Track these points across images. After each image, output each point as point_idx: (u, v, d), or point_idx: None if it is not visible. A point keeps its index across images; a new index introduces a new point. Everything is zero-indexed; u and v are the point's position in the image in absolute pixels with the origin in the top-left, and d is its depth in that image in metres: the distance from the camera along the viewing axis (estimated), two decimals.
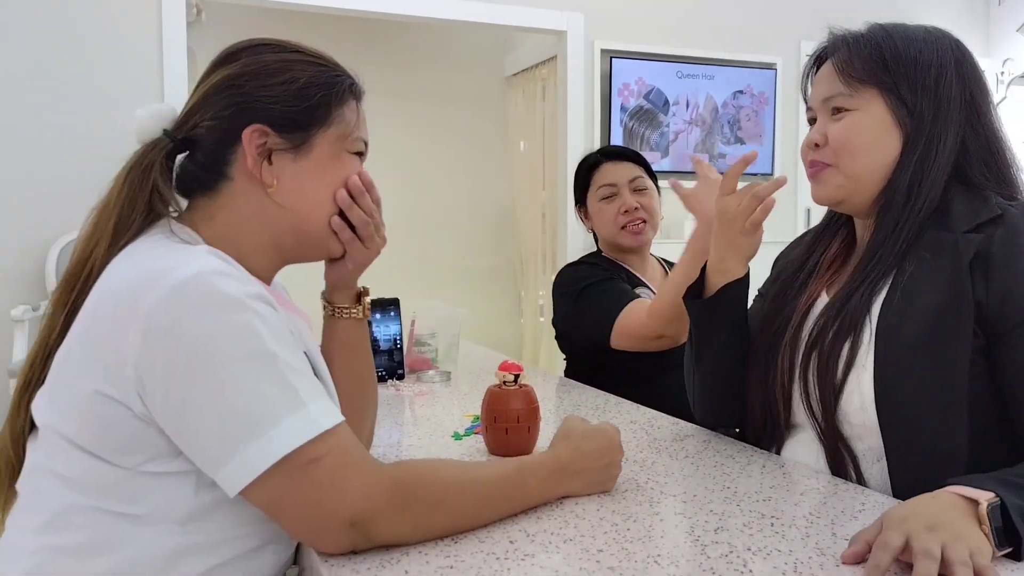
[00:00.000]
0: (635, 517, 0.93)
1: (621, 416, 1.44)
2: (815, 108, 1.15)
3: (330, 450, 0.78)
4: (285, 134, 0.91)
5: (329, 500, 0.77)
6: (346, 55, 3.64)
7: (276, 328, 0.79)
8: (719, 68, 4.27)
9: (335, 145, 0.94)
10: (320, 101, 0.92)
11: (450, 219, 5.03)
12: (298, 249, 0.96)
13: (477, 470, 0.92)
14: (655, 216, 1.93)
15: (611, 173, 1.91)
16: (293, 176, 0.91)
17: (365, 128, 1.00)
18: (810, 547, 0.84)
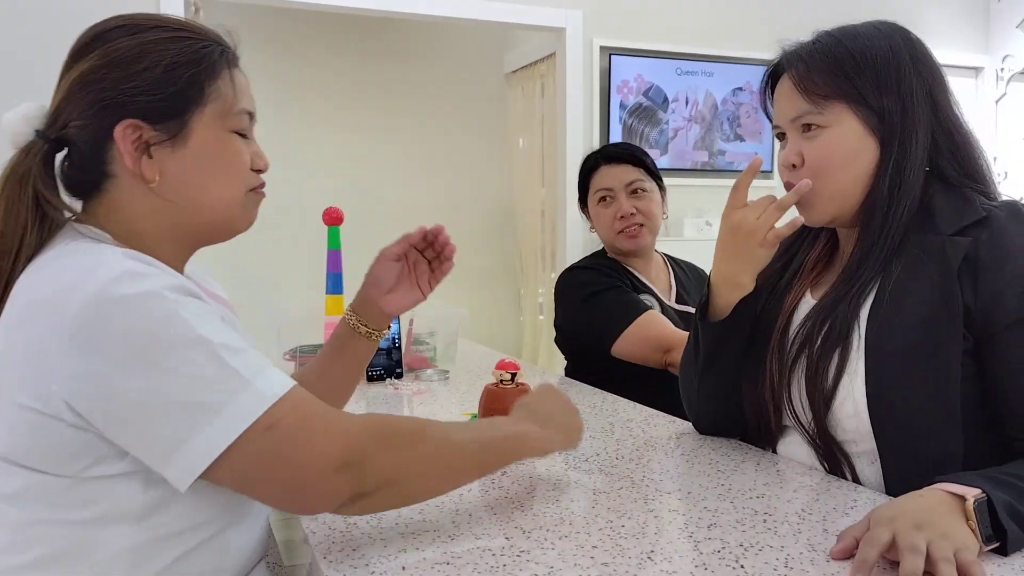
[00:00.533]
0: (629, 514, 0.94)
1: (617, 414, 1.45)
2: (783, 127, 1.13)
3: (287, 411, 0.76)
4: (159, 125, 0.85)
5: (302, 453, 0.76)
6: (344, 52, 3.68)
7: (203, 315, 0.77)
8: (718, 65, 4.28)
9: (215, 126, 0.88)
10: (188, 81, 0.86)
11: (449, 217, 5.03)
12: (202, 236, 0.92)
13: (457, 428, 0.92)
14: (654, 219, 1.90)
15: (608, 177, 1.90)
16: (176, 168, 0.86)
17: (247, 97, 0.92)
18: (802, 543, 0.85)
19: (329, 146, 4.74)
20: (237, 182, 0.91)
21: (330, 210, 1.80)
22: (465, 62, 5.01)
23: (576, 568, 0.79)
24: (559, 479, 1.08)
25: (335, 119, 4.74)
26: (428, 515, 0.94)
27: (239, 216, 0.93)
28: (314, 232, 2.49)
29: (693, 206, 4.09)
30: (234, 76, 0.91)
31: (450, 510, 0.96)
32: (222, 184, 0.89)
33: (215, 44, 0.90)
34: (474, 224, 5.10)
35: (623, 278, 1.91)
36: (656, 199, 1.92)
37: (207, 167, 0.88)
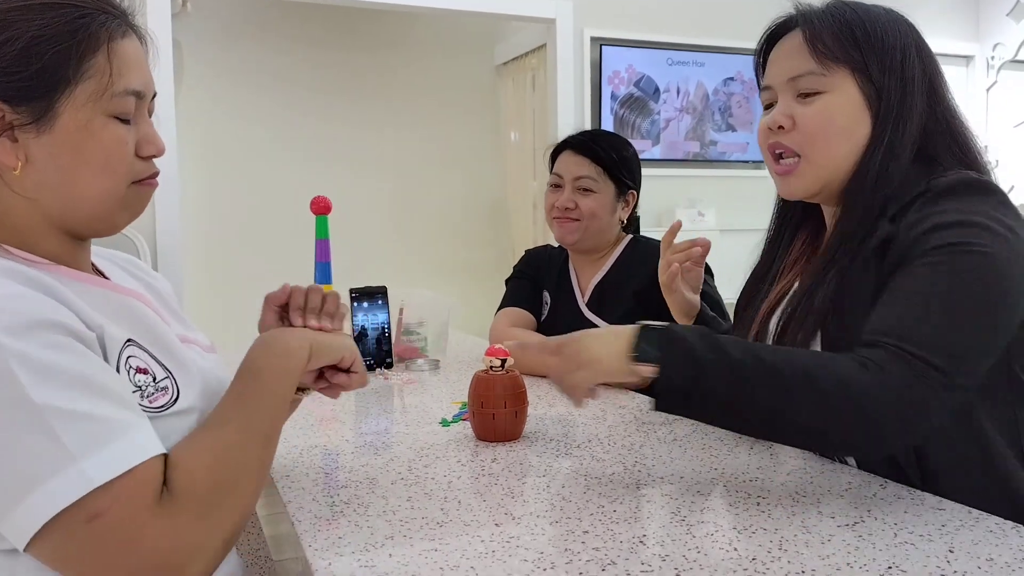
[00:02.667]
0: (621, 499, 0.92)
1: (609, 400, 1.44)
2: (776, 87, 1.09)
3: (114, 499, 0.66)
4: (21, 106, 0.75)
5: (125, 554, 0.66)
6: (334, 44, 3.65)
7: (46, 367, 0.67)
8: (709, 55, 4.26)
9: (88, 109, 0.77)
10: (54, 59, 0.75)
11: (441, 211, 5.02)
12: (83, 231, 0.82)
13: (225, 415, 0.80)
14: (594, 219, 1.76)
15: (563, 164, 1.81)
16: (42, 155, 0.77)
17: (136, 73, 0.81)
18: (796, 525, 0.84)
19: (318, 138, 4.71)
20: (114, 173, 0.80)
21: (317, 199, 1.78)
22: (455, 54, 4.98)
23: (567, 553, 0.78)
24: (550, 465, 1.06)
25: (324, 111, 4.71)
26: (416, 502, 0.92)
27: (119, 211, 0.82)
28: (302, 223, 2.47)
29: (685, 196, 4.07)
30: (118, 50, 0.79)
31: (439, 497, 0.94)
32: (96, 176, 0.79)
33: (97, 13, 0.78)
34: (466, 217, 5.08)
35: (545, 271, 1.90)
36: (605, 201, 1.77)
37: (78, 156, 0.77)
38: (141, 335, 0.82)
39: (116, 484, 0.66)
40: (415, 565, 0.76)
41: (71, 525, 0.65)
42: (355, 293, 1.76)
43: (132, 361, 0.78)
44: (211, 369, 0.93)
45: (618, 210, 1.81)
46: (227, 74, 4.49)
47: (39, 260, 0.79)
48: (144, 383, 0.78)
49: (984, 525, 0.83)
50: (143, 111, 0.83)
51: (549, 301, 1.88)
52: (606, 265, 1.82)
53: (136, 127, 0.82)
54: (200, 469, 0.73)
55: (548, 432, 1.22)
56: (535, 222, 4.61)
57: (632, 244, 1.84)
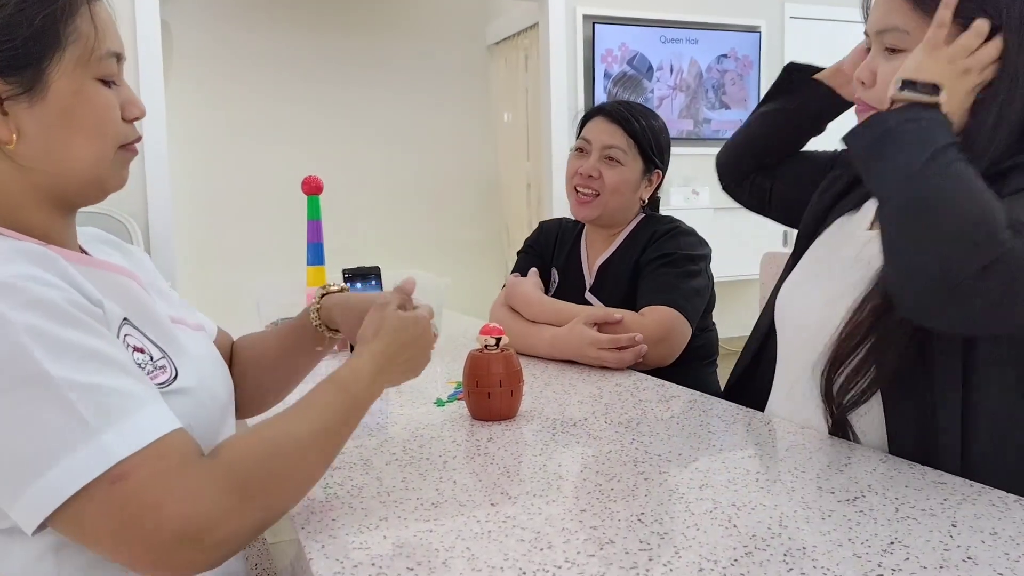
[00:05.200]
0: (619, 477, 0.91)
1: (606, 379, 1.42)
2: (870, 35, 1.03)
3: (139, 463, 0.65)
4: (12, 77, 0.73)
5: (146, 518, 0.65)
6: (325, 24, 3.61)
7: (58, 336, 0.66)
8: (703, 32, 4.23)
9: (77, 74, 0.76)
10: (43, 24, 0.73)
11: (435, 191, 4.99)
12: (70, 200, 0.81)
13: (305, 415, 0.79)
14: (614, 196, 1.69)
15: (593, 129, 1.72)
16: (35, 125, 0.75)
17: (113, 36, 0.80)
18: (795, 501, 0.83)
19: (309, 118, 4.67)
20: (106, 137, 0.79)
21: (309, 179, 1.76)
22: (446, 33, 4.94)
23: (564, 532, 0.76)
24: (546, 444, 1.05)
25: (315, 91, 4.67)
26: (411, 483, 0.91)
27: (109, 176, 0.81)
28: (294, 205, 2.44)
29: (680, 175, 4.05)
30: (95, 13, 0.78)
31: (434, 477, 0.93)
32: (89, 141, 0.78)
33: None
34: (460, 197, 5.06)
35: (556, 246, 1.85)
36: (630, 176, 1.69)
37: (71, 123, 0.76)
38: (134, 314, 0.80)
39: (141, 452, 0.66)
40: (410, 546, 0.74)
41: (92, 491, 0.64)
42: (348, 274, 1.74)
43: (129, 340, 0.77)
44: (200, 347, 0.92)
45: (641, 188, 1.73)
46: (216, 55, 4.44)
47: (31, 240, 0.76)
48: (143, 361, 0.77)
49: (986, 499, 0.82)
50: (121, 74, 0.82)
51: (557, 279, 1.83)
52: (614, 245, 1.75)
53: (119, 90, 0.81)
54: (254, 452, 0.72)
55: (544, 411, 1.21)
56: (528, 202, 4.59)
57: (642, 223, 1.76)
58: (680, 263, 1.63)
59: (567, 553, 0.72)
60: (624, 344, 1.49)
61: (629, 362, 1.50)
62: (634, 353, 1.49)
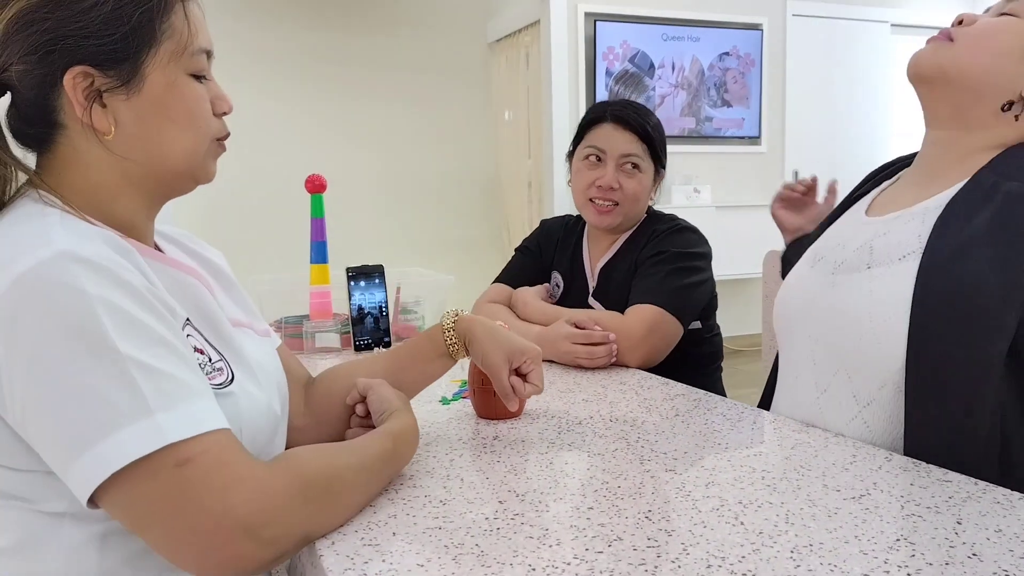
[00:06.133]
0: (625, 475, 0.92)
1: (611, 377, 1.43)
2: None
3: (205, 449, 0.67)
4: (111, 70, 0.77)
5: (212, 501, 0.66)
6: (325, 23, 3.60)
7: (129, 319, 0.68)
8: (705, 30, 4.23)
9: (171, 69, 0.80)
10: (140, 20, 0.77)
11: (436, 189, 5.00)
12: (163, 191, 0.84)
13: (361, 448, 0.84)
14: (634, 204, 1.68)
15: (607, 137, 1.67)
16: (132, 118, 0.78)
17: (204, 34, 0.84)
18: (801, 498, 0.83)
19: (311, 116, 4.67)
20: (199, 130, 0.83)
21: (312, 177, 1.76)
22: (447, 31, 4.94)
23: (572, 529, 0.77)
24: (552, 442, 1.05)
25: (317, 89, 4.67)
26: (419, 480, 0.92)
27: (200, 168, 0.85)
28: (297, 202, 2.45)
29: (681, 173, 4.06)
30: (188, 10, 0.82)
31: (441, 475, 0.93)
32: (183, 133, 0.82)
33: None
34: (460, 195, 5.06)
35: (558, 248, 1.83)
36: (647, 182, 1.69)
37: (166, 115, 0.80)
38: (196, 316, 0.82)
39: (203, 438, 0.68)
40: (420, 543, 0.75)
41: (156, 470, 0.65)
42: (352, 272, 1.75)
43: (190, 340, 0.78)
44: (262, 354, 0.93)
45: (653, 191, 1.74)
46: (218, 52, 4.43)
47: (113, 230, 0.78)
48: (202, 362, 0.78)
49: (991, 496, 0.83)
50: (210, 71, 0.86)
51: (561, 284, 1.80)
52: (616, 246, 1.74)
53: (208, 85, 0.84)
54: (317, 463, 0.76)
55: (549, 409, 1.22)
56: (529, 200, 4.59)
57: (644, 223, 1.74)
58: (672, 260, 1.61)
59: (575, 550, 0.72)
60: (597, 340, 1.49)
61: (602, 360, 1.49)
62: (606, 350, 1.49)
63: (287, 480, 0.71)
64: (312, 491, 0.73)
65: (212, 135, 0.85)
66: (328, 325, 1.74)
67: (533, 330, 1.60)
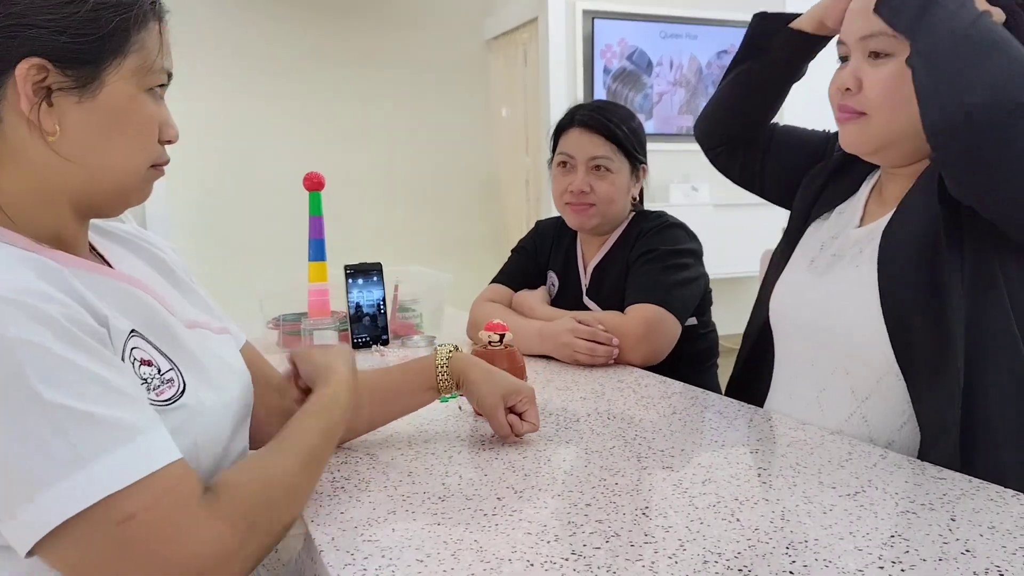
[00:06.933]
0: (623, 472, 0.92)
1: (608, 375, 1.44)
2: (849, 44, 1.07)
3: (148, 504, 0.63)
4: (70, 70, 0.73)
5: (159, 562, 0.63)
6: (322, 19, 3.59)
7: (57, 357, 0.64)
8: (703, 28, 4.23)
9: (131, 82, 0.77)
10: (117, 26, 0.75)
11: (433, 187, 5.00)
12: (91, 206, 0.80)
13: (292, 444, 0.80)
14: (609, 205, 1.68)
15: (573, 143, 1.69)
16: (79, 122, 0.75)
17: (169, 55, 0.81)
18: (797, 495, 0.84)
19: (308, 113, 4.67)
20: (142, 151, 0.79)
21: (311, 175, 1.76)
22: (445, 29, 4.94)
23: (571, 526, 0.78)
24: (550, 439, 1.06)
25: (314, 86, 4.67)
26: (417, 478, 0.92)
27: (135, 189, 0.81)
28: (294, 200, 2.45)
29: (679, 171, 4.06)
30: (161, 30, 0.80)
31: (440, 472, 0.94)
32: (126, 150, 0.78)
33: None
34: (458, 193, 5.06)
35: (552, 248, 1.85)
36: (620, 182, 1.68)
37: (117, 127, 0.77)
38: (144, 325, 0.79)
39: (148, 486, 0.64)
40: (419, 539, 0.76)
41: (97, 527, 0.62)
42: (350, 270, 1.75)
43: (136, 353, 0.76)
44: (221, 352, 0.90)
45: (631, 188, 1.73)
46: (214, 48, 4.44)
47: (37, 246, 0.75)
48: (149, 375, 0.75)
49: (984, 493, 0.84)
50: (163, 94, 0.83)
51: (556, 284, 1.82)
52: (607, 245, 1.75)
53: (159, 108, 0.82)
54: (252, 487, 0.72)
55: (547, 406, 1.22)
56: (527, 198, 4.60)
57: (632, 221, 1.75)
58: (664, 258, 1.62)
59: (574, 545, 0.73)
60: (601, 340, 1.50)
61: (601, 360, 1.50)
62: (607, 351, 1.50)
63: (231, 516, 0.68)
64: (257, 515, 0.70)
65: (154, 158, 0.81)
66: (326, 323, 1.75)
67: (534, 325, 1.61)
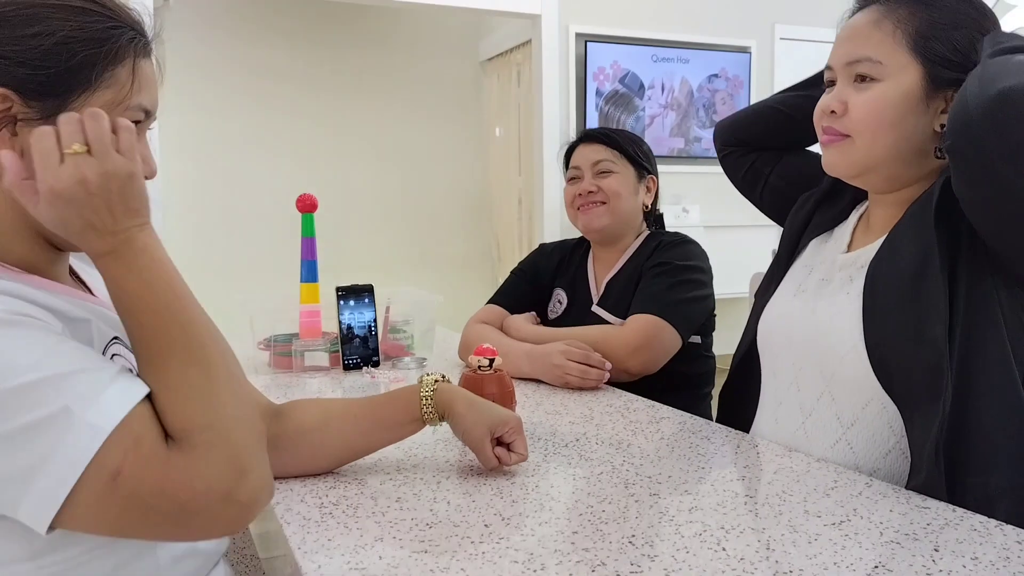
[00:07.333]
0: (610, 499, 0.93)
1: (597, 400, 1.44)
2: (836, 68, 1.10)
3: (125, 453, 0.66)
4: (34, 102, 0.73)
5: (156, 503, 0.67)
6: (319, 39, 3.62)
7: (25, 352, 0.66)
8: (694, 52, 4.28)
9: None
10: (84, 61, 0.74)
11: (426, 205, 5.02)
12: (61, 240, 0.78)
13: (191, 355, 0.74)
14: (619, 199, 1.74)
15: (579, 156, 1.81)
16: None
17: (149, 92, 0.80)
18: (783, 524, 0.84)
19: (303, 134, 4.69)
20: None
21: (304, 196, 1.77)
22: (440, 49, 4.97)
23: (557, 554, 0.78)
24: (539, 465, 1.06)
25: (308, 106, 4.69)
26: (406, 503, 0.92)
27: None
28: (287, 220, 2.46)
29: (670, 193, 4.09)
30: (139, 67, 0.79)
31: (428, 498, 0.94)
32: None
33: (127, 28, 0.78)
34: (451, 212, 5.08)
35: (556, 268, 1.87)
36: (626, 180, 1.76)
37: None
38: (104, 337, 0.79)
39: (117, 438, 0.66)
40: (405, 567, 0.76)
41: (98, 488, 0.65)
42: (342, 291, 1.76)
43: (117, 360, 0.77)
44: None
45: (640, 193, 1.79)
46: (210, 69, 4.46)
47: (10, 267, 0.76)
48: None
49: (968, 524, 0.84)
50: (144, 130, 0.82)
51: (564, 300, 1.83)
52: (621, 261, 1.78)
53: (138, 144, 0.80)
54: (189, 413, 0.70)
55: (536, 431, 1.23)
56: (519, 217, 4.61)
57: (648, 238, 1.79)
58: (675, 272, 1.66)
59: (559, 574, 0.73)
60: (593, 363, 1.51)
61: (592, 383, 1.51)
62: (598, 375, 1.51)
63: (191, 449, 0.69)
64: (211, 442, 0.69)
65: None
66: (317, 344, 1.75)
67: (523, 347, 1.61)
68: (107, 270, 0.72)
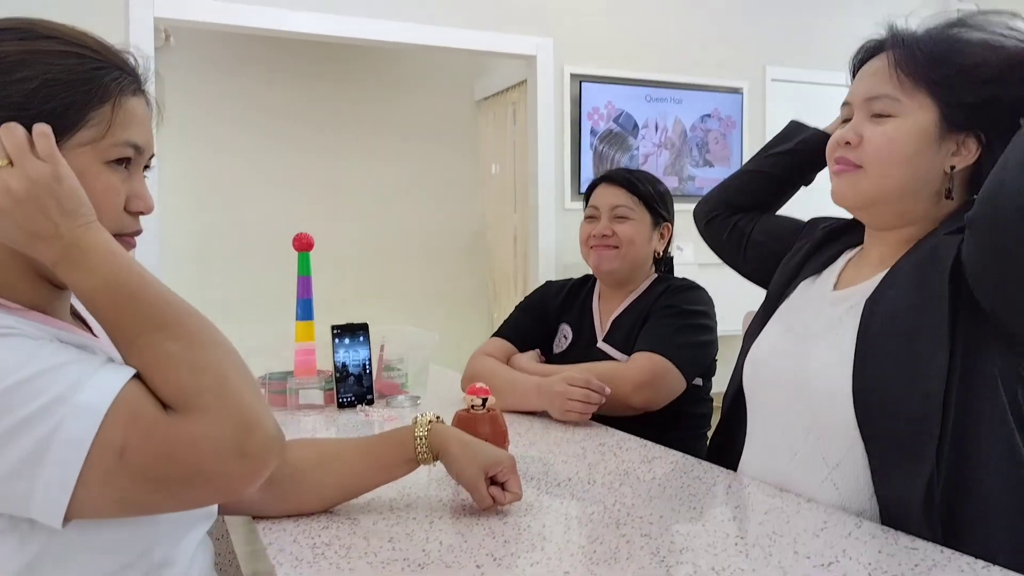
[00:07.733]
0: (601, 539, 0.93)
1: (590, 439, 1.45)
2: (854, 104, 1.14)
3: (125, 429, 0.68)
4: None
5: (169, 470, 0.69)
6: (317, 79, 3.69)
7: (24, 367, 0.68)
8: (687, 92, 4.34)
9: (86, 154, 0.77)
10: (64, 104, 0.76)
11: (422, 243, 5.04)
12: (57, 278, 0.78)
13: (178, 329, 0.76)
14: (631, 246, 1.79)
15: (599, 196, 1.85)
16: None
17: (139, 129, 0.81)
18: (772, 566, 0.85)
19: (300, 172, 4.72)
20: (100, 220, 0.76)
21: (300, 236, 1.79)
22: (437, 89, 5.03)
23: None
24: (531, 504, 1.07)
25: (306, 145, 4.73)
26: (398, 544, 0.93)
27: None
28: (284, 257, 2.47)
29: None
30: (126, 105, 0.80)
31: (420, 538, 0.94)
32: None
33: (112, 68, 0.79)
34: (447, 250, 5.10)
35: (562, 305, 1.90)
36: (641, 228, 1.80)
37: None
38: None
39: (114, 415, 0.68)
40: None
41: (106, 467, 0.67)
42: (337, 330, 1.77)
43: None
44: None
45: (654, 240, 1.84)
46: (209, 108, 4.51)
47: (11, 305, 0.77)
48: None
49: (956, 564, 0.85)
50: (139, 166, 0.83)
51: (570, 335, 1.87)
52: (627, 300, 1.83)
53: (129, 181, 0.82)
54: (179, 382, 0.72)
55: (528, 471, 1.23)
56: (515, 254, 4.64)
57: (656, 281, 1.84)
58: (683, 316, 1.70)
59: None
60: (594, 388, 1.55)
61: (593, 407, 1.55)
62: (598, 398, 1.55)
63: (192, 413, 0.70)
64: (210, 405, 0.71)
65: (116, 230, 0.80)
66: (312, 382, 1.75)
67: (532, 380, 1.65)
68: (67, 276, 0.74)
